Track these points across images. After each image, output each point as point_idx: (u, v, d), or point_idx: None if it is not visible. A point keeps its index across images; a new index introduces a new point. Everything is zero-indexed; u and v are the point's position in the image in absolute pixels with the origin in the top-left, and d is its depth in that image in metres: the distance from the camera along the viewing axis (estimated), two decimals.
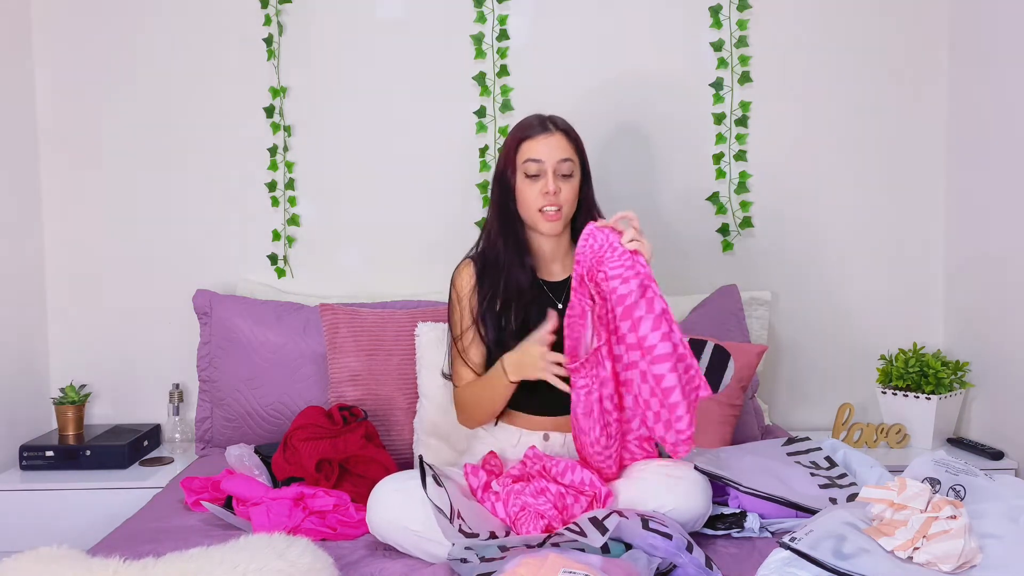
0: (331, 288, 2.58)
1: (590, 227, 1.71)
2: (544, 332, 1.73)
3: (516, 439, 1.91)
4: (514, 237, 1.91)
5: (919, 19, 2.57)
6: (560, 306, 1.86)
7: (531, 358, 1.74)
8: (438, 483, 1.59)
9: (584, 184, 1.92)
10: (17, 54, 2.48)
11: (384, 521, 1.61)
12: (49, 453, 2.29)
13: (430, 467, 1.63)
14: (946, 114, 2.59)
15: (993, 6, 2.38)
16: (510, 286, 1.89)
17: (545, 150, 1.85)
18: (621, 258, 1.67)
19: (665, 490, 1.64)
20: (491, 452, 1.80)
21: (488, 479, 1.69)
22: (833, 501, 1.69)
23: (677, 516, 1.62)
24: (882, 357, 2.53)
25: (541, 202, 1.85)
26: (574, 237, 1.92)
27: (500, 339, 1.88)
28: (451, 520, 1.52)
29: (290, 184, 2.58)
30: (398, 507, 1.60)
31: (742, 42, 2.54)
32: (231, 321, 2.35)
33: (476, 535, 1.52)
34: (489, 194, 2.01)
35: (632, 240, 1.68)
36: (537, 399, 1.87)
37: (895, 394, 2.44)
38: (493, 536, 1.54)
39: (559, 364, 1.71)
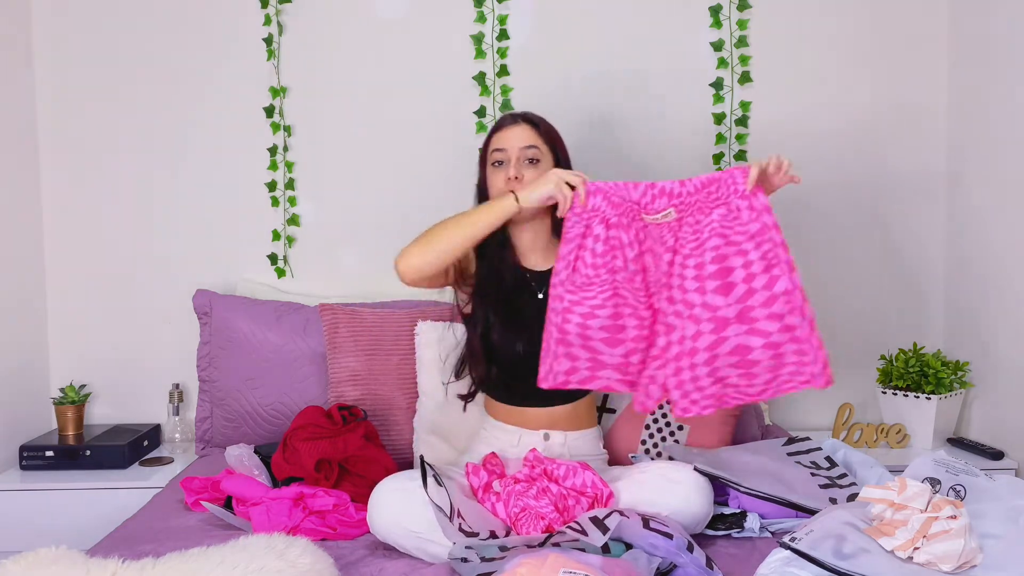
0: (331, 288, 2.57)
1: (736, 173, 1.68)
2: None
3: (516, 439, 1.91)
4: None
5: (919, 18, 2.58)
6: (540, 296, 1.87)
7: (547, 176, 1.74)
8: (439, 483, 1.59)
9: None
10: (17, 54, 2.48)
11: (385, 522, 1.61)
12: (49, 453, 2.29)
13: (431, 467, 1.63)
14: (946, 114, 2.59)
15: (993, 6, 2.38)
16: (492, 276, 1.91)
17: (508, 139, 1.90)
18: (748, 225, 1.65)
19: (665, 493, 1.64)
20: (492, 452, 1.80)
21: (489, 479, 1.69)
22: (833, 501, 1.69)
23: (678, 519, 1.62)
24: (882, 357, 2.53)
25: (505, 189, 1.86)
26: (555, 228, 1.94)
27: (485, 331, 1.91)
28: (451, 519, 1.52)
29: (290, 184, 2.58)
30: (398, 508, 1.60)
31: (742, 42, 2.54)
32: (231, 321, 2.35)
33: (476, 534, 1.52)
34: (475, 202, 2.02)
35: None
36: (530, 386, 1.88)
37: (895, 394, 2.44)
38: (493, 536, 1.54)
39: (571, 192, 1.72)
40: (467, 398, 2.02)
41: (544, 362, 1.73)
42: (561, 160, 1.95)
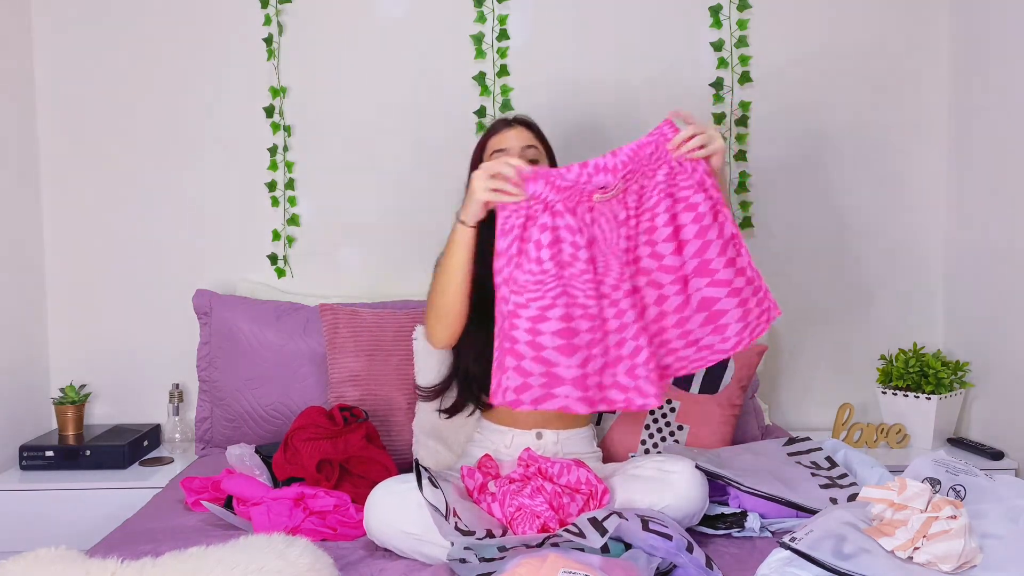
0: (331, 288, 2.57)
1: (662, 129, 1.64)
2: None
3: (509, 440, 1.91)
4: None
5: (920, 18, 2.58)
6: None
7: (473, 184, 1.64)
8: (434, 484, 1.59)
9: None
10: (17, 54, 2.48)
11: (381, 525, 1.61)
12: (49, 453, 2.29)
13: (426, 470, 1.63)
14: (946, 114, 2.59)
15: (993, 6, 2.38)
16: (482, 289, 1.88)
17: (509, 140, 1.94)
18: (692, 175, 1.62)
19: (660, 486, 1.64)
20: (486, 455, 1.80)
21: (484, 481, 1.69)
22: (834, 501, 1.69)
23: (673, 512, 1.62)
24: (882, 357, 2.53)
25: None
26: None
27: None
28: (447, 518, 1.52)
29: (290, 184, 2.58)
30: (394, 510, 1.60)
31: (742, 42, 2.54)
32: (231, 321, 2.35)
33: (472, 532, 1.52)
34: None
35: (699, 147, 1.62)
36: None
37: (895, 394, 2.44)
38: (490, 535, 1.54)
39: (507, 186, 1.60)
40: (451, 411, 2.03)
41: (495, 375, 1.60)
42: (552, 162, 2.00)
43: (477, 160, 2.00)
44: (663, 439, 2.09)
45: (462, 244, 1.72)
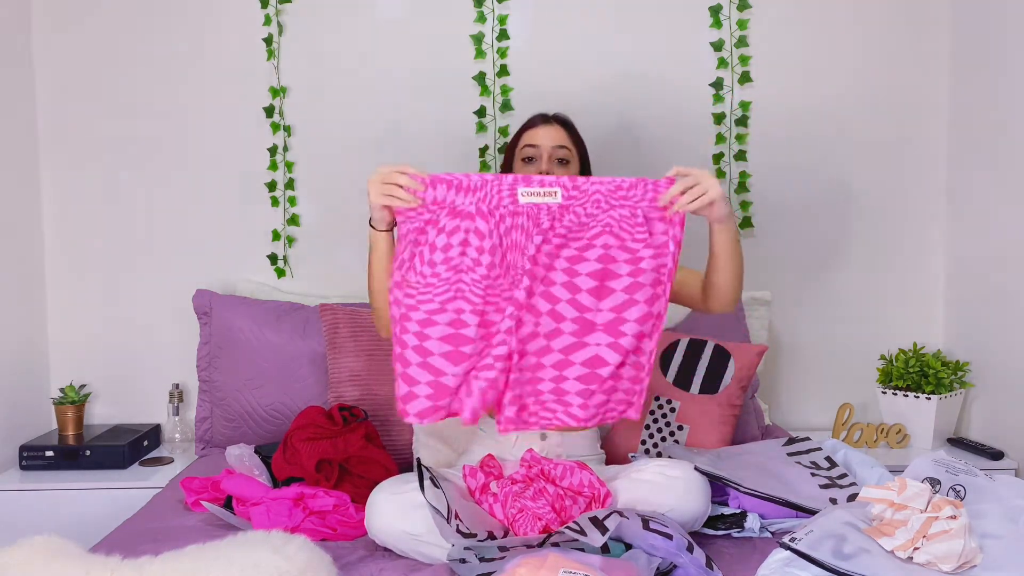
0: (331, 288, 2.58)
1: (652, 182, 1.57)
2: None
3: (513, 439, 1.91)
4: None
5: (920, 19, 2.58)
6: None
7: (368, 190, 1.63)
8: (435, 485, 1.59)
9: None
10: (17, 54, 2.48)
11: (382, 526, 1.61)
12: (49, 453, 2.29)
13: (427, 469, 1.63)
14: (947, 114, 2.59)
15: (995, 6, 2.38)
16: None
17: (541, 137, 1.96)
18: (652, 237, 1.56)
19: (663, 490, 1.64)
20: (489, 454, 1.80)
21: (486, 481, 1.69)
22: (833, 501, 1.69)
23: (675, 516, 1.62)
24: (882, 357, 2.53)
25: None
26: None
27: None
28: (448, 520, 1.52)
29: (290, 184, 2.58)
30: (395, 511, 1.60)
31: (742, 42, 2.54)
32: (231, 321, 2.35)
33: (474, 535, 1.52)
34: None
35: (693, 200, 1.56)
36: None
37: (895, 394, 2.44)
38: (491, 536, 1.54)
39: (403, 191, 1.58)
40: None
41: (395, 387, 1.59)
42: (584, 164, 2.02)
43: (511, 151, 2.02)
44: (663, 439, 2.09)
45: (376, 247, 1.75)
